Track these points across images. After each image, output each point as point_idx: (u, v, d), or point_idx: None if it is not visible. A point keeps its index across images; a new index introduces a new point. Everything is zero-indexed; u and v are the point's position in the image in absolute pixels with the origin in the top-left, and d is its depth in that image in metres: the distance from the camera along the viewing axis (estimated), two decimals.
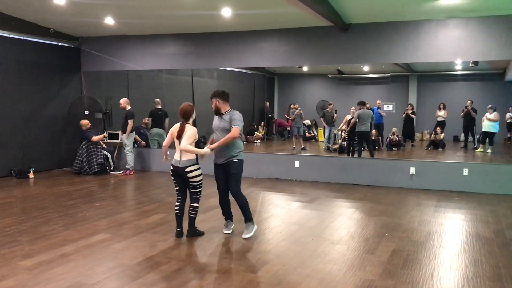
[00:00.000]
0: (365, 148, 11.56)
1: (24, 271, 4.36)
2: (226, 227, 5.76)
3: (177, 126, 5.42)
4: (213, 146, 5.35)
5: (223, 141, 5.27)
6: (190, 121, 5.44)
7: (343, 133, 13.12)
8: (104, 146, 10.88)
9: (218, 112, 5.43)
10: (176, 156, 5.40)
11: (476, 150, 13.31)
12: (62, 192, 8.37)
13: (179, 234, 5.56)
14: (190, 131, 5.31)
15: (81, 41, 11.57)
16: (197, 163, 5.40)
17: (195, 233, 5.56)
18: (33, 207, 7.08)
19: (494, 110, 13.12)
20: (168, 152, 5.65)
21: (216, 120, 5.49)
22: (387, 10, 8.36)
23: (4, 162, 9.92)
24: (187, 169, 5.32)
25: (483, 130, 13.30)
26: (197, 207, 5.52)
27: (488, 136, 13.18)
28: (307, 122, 16.13)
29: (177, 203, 5.56)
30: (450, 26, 8.60)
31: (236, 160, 5.39)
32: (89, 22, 9.99)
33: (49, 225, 6.03)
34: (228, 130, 5.29)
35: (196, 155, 5.38)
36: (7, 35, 9.83)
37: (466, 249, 5.20)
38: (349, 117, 12.26)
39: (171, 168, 5.44)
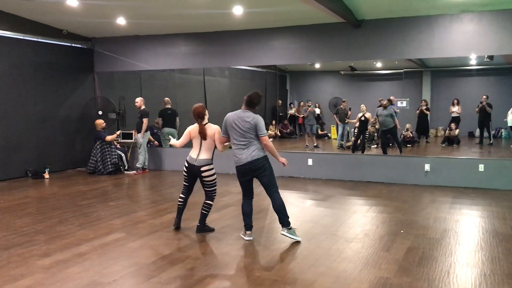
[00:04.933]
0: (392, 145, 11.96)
1: (42, 270, 4.42)
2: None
3: (196, 127, 5.47)
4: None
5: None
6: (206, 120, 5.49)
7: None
8: (118, 146, 10.96)
9: None
10: (193, 154, 5.48)
11: None
12: (77, 192, 8.45)
13: (177, 223, 5.75)
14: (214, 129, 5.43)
15: (94, 42, 11.66)
16: (212, 163, 5.49)
17: (204, 229, 5.63)
18: (49, 207, 7.16)
19: None
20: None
21: None
22: (400, 5, 8.29)
23: (20, 163, 10.04)
24: (202, 168, 5.41)
25: (509, 124, 13.30)
26: (211, 204, 5.59)
27: None
28: (317, 111, 16.00)
29: (182, 196, 5.74)
30: (464, 21, 8.50)
31: None
32: (101, 22, 10.06)
33: (65, 224, 6.09)
34: None
35: (213, 155, 5.49)
36: (22, 37, 9.95)
37: (482, 246, 5.13)
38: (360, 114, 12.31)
39: (186, 165, 5.51)
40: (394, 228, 5.87)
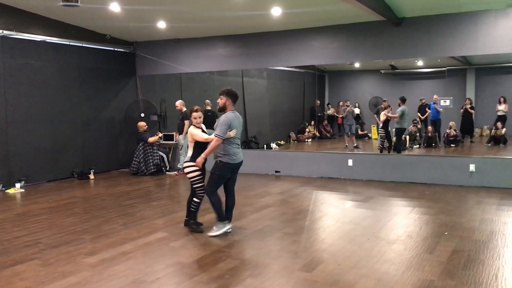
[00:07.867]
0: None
1: (88, 268, 4.57)
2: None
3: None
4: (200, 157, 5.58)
5: (207, 152, 5.53)
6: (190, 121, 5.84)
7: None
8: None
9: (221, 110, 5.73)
10: None
11: None
12: (121, 192, 8.68)
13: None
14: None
15: (136, 46, 11.96)
16: (189, 161, 5.65)
17: (190, 225, 5.81)
18: (94, 207, 7.39)
19: None
20: None
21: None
22: (442, 2, 8.08)
23: (67, 164, 10.41)
24: (184, 165, 5.75)
25: None
26: (197, 202, 5.76)
27: None
28: (356, 111, 15.73)
29: None
30: (510, 16, 8.19)
31: (218, 161, 5.52)
32: (142, 27, 10.31)
33: (110, 224, 6.27)
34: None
35: (193, 153, 5.64)
36: (68, 43, 10.32)
37: None
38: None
39: None
40: (438, 230, 5.73)
